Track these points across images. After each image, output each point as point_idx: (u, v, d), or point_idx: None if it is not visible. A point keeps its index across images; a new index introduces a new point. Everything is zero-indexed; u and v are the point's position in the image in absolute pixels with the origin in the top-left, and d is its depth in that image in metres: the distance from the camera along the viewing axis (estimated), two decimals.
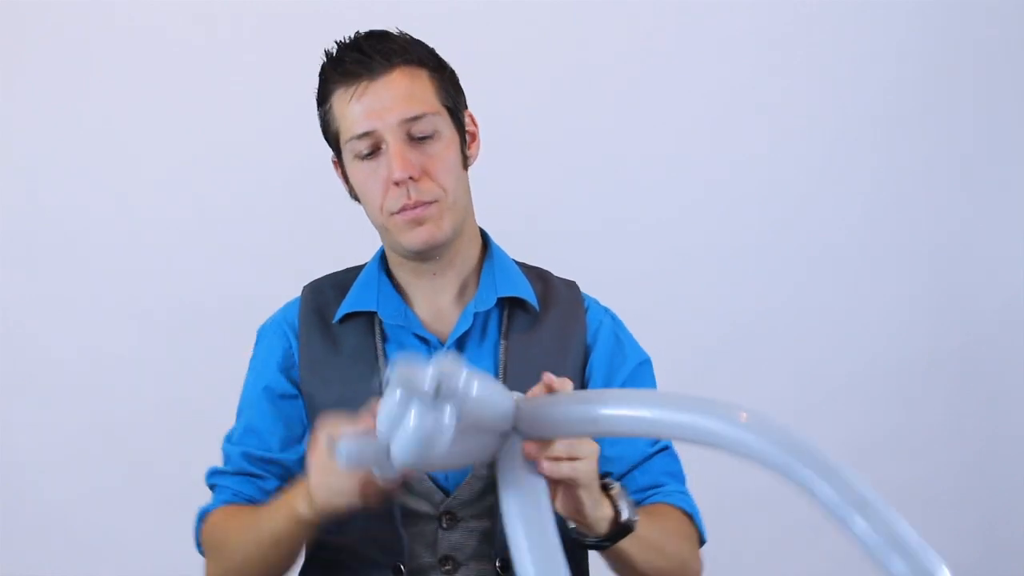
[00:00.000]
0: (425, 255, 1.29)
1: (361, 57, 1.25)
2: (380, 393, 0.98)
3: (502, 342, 1.31)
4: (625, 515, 1.14)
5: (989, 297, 2.44)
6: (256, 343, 1.41)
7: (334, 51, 1.30)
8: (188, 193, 2.24)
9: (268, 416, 1.36)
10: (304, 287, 1.40)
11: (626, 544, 1.16)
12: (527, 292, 1.33)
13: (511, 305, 1.33)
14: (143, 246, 2.24)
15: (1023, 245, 2.45)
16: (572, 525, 1.12)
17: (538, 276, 1.38)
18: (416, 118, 1.24)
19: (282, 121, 2.25)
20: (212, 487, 1.38)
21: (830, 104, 2.39)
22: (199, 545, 1.36)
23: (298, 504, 1.15)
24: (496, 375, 1.28)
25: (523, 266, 1.39)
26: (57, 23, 2.21)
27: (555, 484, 1.06)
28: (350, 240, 2.27)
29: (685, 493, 1.33)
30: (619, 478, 1.29)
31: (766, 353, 2.36)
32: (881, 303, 2.41)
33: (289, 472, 1.32)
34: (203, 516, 1.35)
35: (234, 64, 2.25)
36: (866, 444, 2.39)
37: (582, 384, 1.32)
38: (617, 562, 1.20)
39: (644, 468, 1.32)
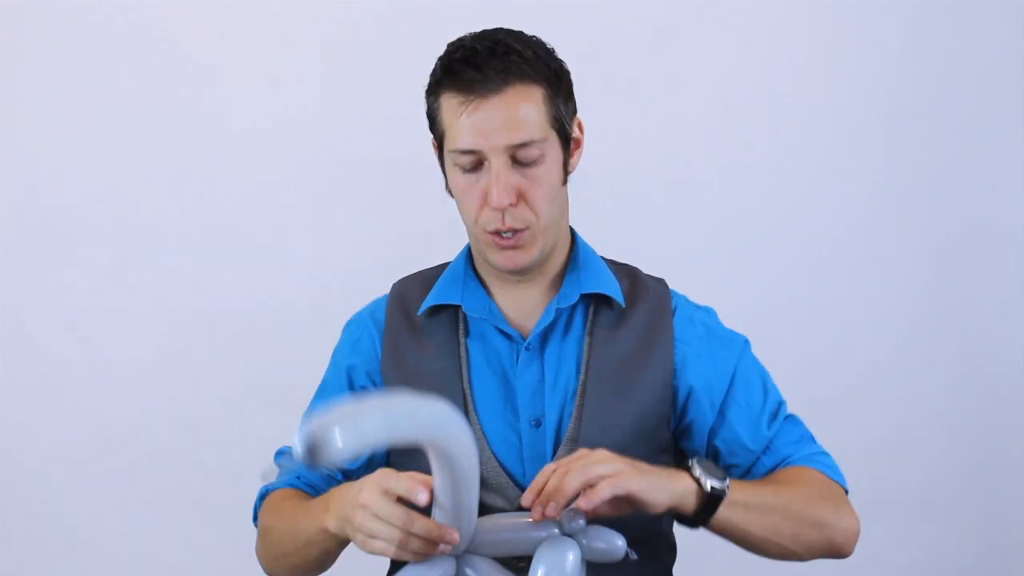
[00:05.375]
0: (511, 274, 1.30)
1: (476, 75, 1.21)
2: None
3: (586, 338, 1.30)
4: (708, 485, 1.13)
5: (989, 297, 2.44)
6: (342, 335, 1.41)
7: (449, 56, 1.26)
8: (190, 194, 2.24)
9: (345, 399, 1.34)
10: (393, 284, 1.40)
11: (731, 515, 1.15)
12: (613, 289, 1.32)
13: (597, 301, 1.32)
14: (144, 246, 2.24)
15: (1023, 245, 2.45)
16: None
17: (627, 273, 1.38)
18: (523, 145, 1.23)
19: (286, 121, 2.25)
20: (279, 466, 1.38)
21: (829, 104, 2.39)
22: (255, 519, 1.36)
23: (329, 521, 1.14)
24: (578, 370, 1.29)
25: (612, 263, 1.39)
26: (58, 22, 2.21)
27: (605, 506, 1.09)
28: (356, 242, 2.28)
29: (815, 452, 1.32)
30: (748, 469, 1.30)
31: (765, 352, 2.34)
32: (881, 303, 2.41)
33: (349, 474, 1.32)
34: (264, 494, 1.35)
35: (238, 62, 2.25)
36: (866, 444, 2.39)
37: (672, 382, 1.31)
38: (735, 537, 1.19)
39: (769, 451, 1.32)
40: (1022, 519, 2.45)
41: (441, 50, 1.29)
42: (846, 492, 1.31)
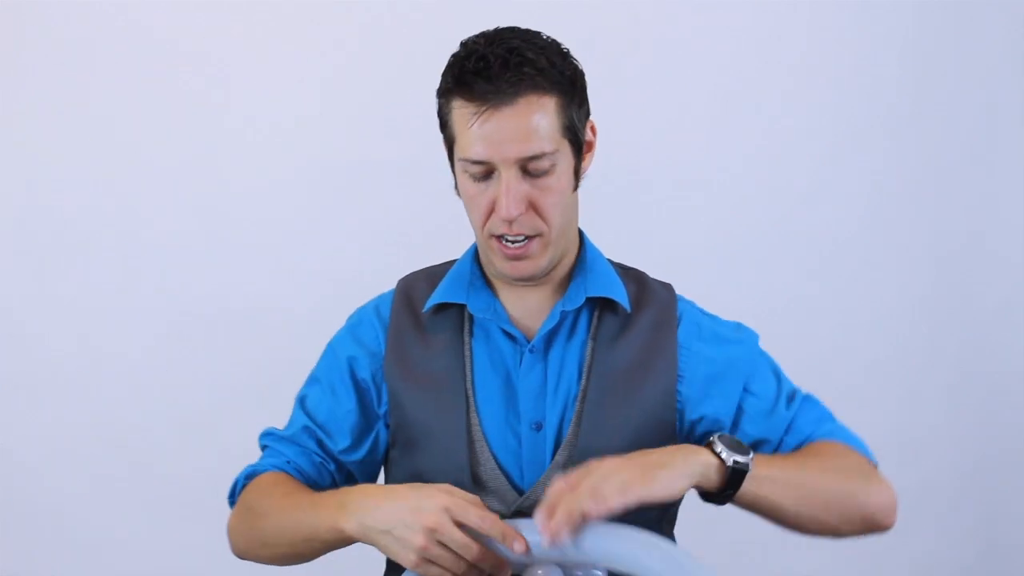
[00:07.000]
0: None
1: (488, 86, 1.19)
2: None
3: (589, 342, 1.30)
4: (731, 460, 1.12)
5: (989, 297, 2.44)
6: (345, 325, 1.40)
7: (460, 64, 1.22)
8: (190, 193, 2.24)
9: (347, 387, 1.34)
10: (399, 280, 1.39)
11: (758, 489, 1.14)
12: (619, 293, 1.31)
13: (603, 306, 1.32)
14: (144, 245, 2.24)
15: (1023, 245, 2.45)
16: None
17: (634, 278, 1.37)
18: (534, 157, 1.21)
19: (287, 122, 2.25)
20: (263, 447, 1.37)
21: (829, 103, 2.39)
22: (232, 497, 1.35)
23: (347, 522, 1.12)
24: (580, 375, 1.28)
25: (619, 267, 1.38)
26: (58, 22, 2.20)
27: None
28: (356, 243, 2.28)
29: (837, 428, 1.31)
30: (772, 452, 1.29)
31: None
32: (881, 303, 2.41)
33: (348, 473, 1.33)
34: (250, 474, 1.34)
35: (238, 62, 2.24)
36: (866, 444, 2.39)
37: (675, 389, 1.30)
38: (767, 511, 1.18)
39: (791, 431, 1.31)
40: (1022, 519, 2.45)
41: (445, 51, 1.28)
42: (875, 466, 1.29)
